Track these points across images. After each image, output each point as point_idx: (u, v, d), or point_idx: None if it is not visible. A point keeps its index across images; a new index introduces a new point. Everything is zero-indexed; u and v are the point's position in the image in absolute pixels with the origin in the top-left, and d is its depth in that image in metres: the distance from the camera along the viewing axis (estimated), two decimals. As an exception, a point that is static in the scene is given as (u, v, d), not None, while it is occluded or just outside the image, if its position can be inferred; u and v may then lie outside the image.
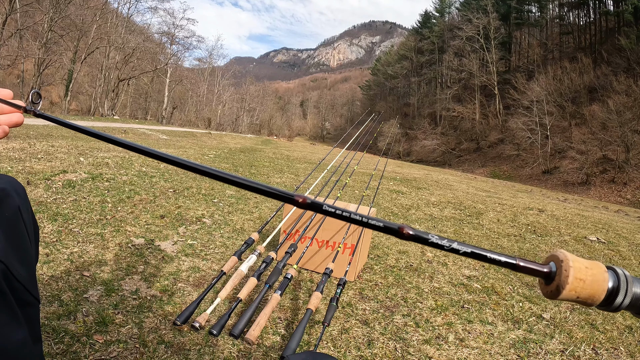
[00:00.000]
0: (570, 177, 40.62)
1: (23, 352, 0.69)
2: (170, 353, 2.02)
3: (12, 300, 0.70)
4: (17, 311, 0.71)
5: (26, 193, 0.88)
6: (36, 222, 0.92)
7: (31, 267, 0.82)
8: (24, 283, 0.74)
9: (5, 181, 0.86)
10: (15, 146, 6.93)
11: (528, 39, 65.20)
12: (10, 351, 0.66)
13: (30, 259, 0.82)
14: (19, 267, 0.74)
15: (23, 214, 0.84)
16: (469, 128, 61.38)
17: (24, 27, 28.77)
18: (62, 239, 3.22)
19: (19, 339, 0.69)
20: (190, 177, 6.66)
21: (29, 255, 0.82)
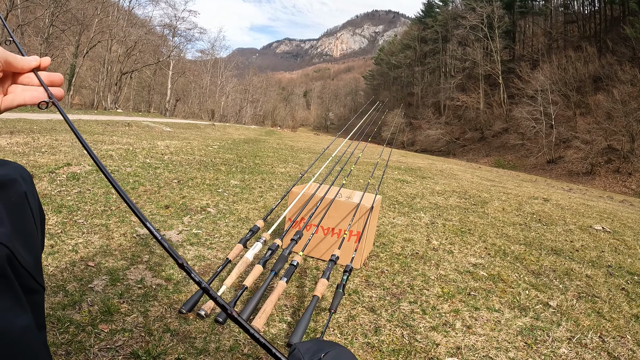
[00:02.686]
0: (574, 167, 40.52)
1: (27, 338, 0.68)
2: (176, 341, 2.01)
3: (16, 285, 0.69)
4: (22, 297, 0.70)
5: (33, 180, 0.87)
6: (42, 209, 0.91)
7: (37, 253, 0.81)
8: (28, 269, 0.73)
9: (11, 167, 0.85)
10: (19, 140, 6.95)
11: (532, 27, 64.83)
12: (13, 336, 0.65)
13: (35, 245, 0.81)
14: (24, 253, 0.73)
15: (29, 200, 0.83)
16: (473, 117, 61.23)
17: (25, 23, 28.78)
18: (66, 230, 3.21)
19: (23, 325, 0.68)
20: (195, 168, 6.66)
21: (34, 242, 0.81)
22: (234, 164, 8.01)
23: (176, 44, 51.15)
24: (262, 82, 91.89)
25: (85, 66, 39.91)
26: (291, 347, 1.06)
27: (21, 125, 9.94)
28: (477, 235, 4.96)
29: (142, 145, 8.51)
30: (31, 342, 0.70)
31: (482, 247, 4.47)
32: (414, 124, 69.91)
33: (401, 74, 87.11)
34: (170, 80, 50.24)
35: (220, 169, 7.07)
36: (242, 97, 76.20)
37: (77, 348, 1.84)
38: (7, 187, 0.79)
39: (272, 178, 6.89)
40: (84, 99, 49.28)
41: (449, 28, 71.17)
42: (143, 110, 50.33)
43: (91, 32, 35.39)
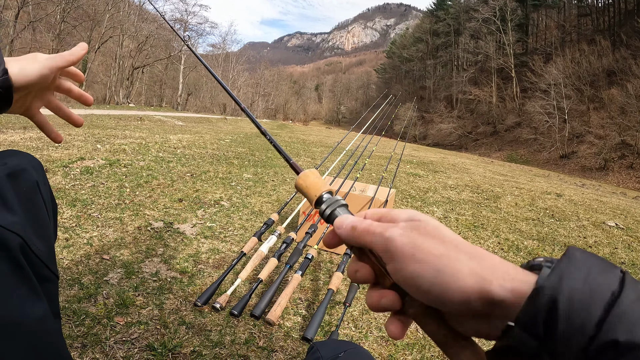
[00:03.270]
0: (588, 162, 40.21)
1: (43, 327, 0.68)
2: (191, 334, 2.01)
3: (30, 274, 0.69)
4: (37, 286, 0.70)
5: (43, 169, 0.87)
6: (54, 198, 0.91)
7: (49, 242, 0.81)
8: (42, 258, 0.73)
9: (22, 157, 0.85)
10: (32, 135, 7.00)
11: (545, 20, 64.30)
12: (29, 325, 0.65)
13: (48, 234, 0.81)
14: (38, 242, 0.74)
15: (41, 188, 0.84)
16: (486, 111, 60.89)
17: (36, 20, 28.94)
18: (81, 223, 3.23)
19: (39, 314, 0.68)
20: (207, 162, 6.68)
21: (47, 230, 0.81)
22: (247, 157, 8.02)
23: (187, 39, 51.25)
24: (274, 76, 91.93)
25: (97, 61, 40.07)
26: (310, 346, 1.08)
27: (35, 120, 10.00)
28: (490, 230, 4.93)
29: (155, 139, 8.53)
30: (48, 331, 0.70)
31: (495, 242, 4.45)
32: (426, 118, 69.68)
33: (413, 68, 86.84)
34: (181, 75, 50.36)
35: (232, 162, 7.08)
36: (253, 91, 76.30)
37: (93, 340, 1.85)
38: (18, 176, 0.79)
39: (284, 171, 6.89)
40: (96, 94, 49.49)
41: (461, 21, 70.78)
42: (155, 104, 50.50)
43: (102, 28, 35.54)
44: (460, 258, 0.42)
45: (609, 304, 0.33)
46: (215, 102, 61.50)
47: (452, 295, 0.41)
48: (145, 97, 51.67)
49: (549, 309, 0.34)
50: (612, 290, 0.34)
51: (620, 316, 0.33)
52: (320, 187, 0.57)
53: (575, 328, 0.33)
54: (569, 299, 0.34)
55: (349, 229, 0.50)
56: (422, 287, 0.43)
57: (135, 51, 40.90)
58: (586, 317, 0.33)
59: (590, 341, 0.32)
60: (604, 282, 0.35)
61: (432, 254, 0.43)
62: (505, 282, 0.39)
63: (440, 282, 0.41)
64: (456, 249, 0.43)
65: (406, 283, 0.44)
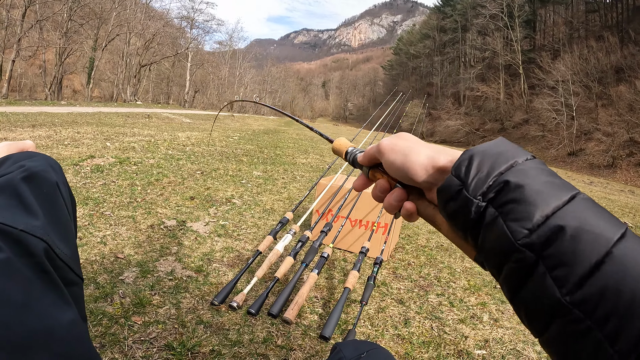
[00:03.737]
0: (596, 160, 39.98)
1: (73, 333, 0.67)
2: (209, 333, 2.01)
3: (57, 279, 0.68)
4: (64, 291, 0.69)
5: (62, 169, 0.86)
6: (73, 198, 0.89)
7: (73, 244, 0.79)
8: (66, 261, 0.72)
9: (40, 158, 0.84)
10: (41, 134, 7.02)
11: (553, 17, 63.96)
12: (61, 332, 0.64)
13: (71, 235, 0.80)
14: (61, 245, 0.72)
15: (61, 189, 0.82)
16: (493, 108, 60.66)
17: (43, 18, 29.04)
18: (94, 222, 3.23)
19: (69, 319, 0.66)
20: (217, 159, 6.68)
21: (70, 232, 0.80)
22: (255, 154, 8.03)
23: (194, 36, 51.39)
24: (281, 73, 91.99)
25: (104, 59, 40.22)
26: (333, 347, 1.10)
27: (42, 119, 10.04)
28: (502, 226, 4.92)
29: (164, 137, 8.56)
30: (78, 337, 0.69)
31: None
32: (433, 115, 69.52)
33: (420, 64, 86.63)
34: (188, 72, 50.46)
35: (242, 160, 7.09)
36: (260, 88, 76.41)
37: (111, 340, 1.85)
38: (38, 178, 0.78)
39: (294, 169, 6.89)
40: (103, 91, 49.76)
41: (468, 17, 70.47)
42: (162, 102, 50.63)
43: (109, 26, 35.64)
44: (420, 148, 0.59)
45: (512, 165, 0.47)
46: (222, 99, 61.57)
47: (415, 169, 0.57)
48: (152, 95, 51.82)
49: (468, 160, 0.49)
50: (516, 160, 0.48)
51: (516, 171, 0.46)
52: (346, 146, 0.79)
53: (483, 172, 0.47)
54: (482, 156, 0.49)
55: (363, 155, 0.70)
56: (397, 168, 0.60)
57: (142, 49, 40.97)
58: (490, 168, 0.47)
59: (492, 179, 0.46)
60: (512, 152, 0.50)
61: (402, 147, 0.61)
62: (447, 157, 0.55)
63: (407, 161, 0.58)
64: (419, 144, 0.60)
65: (390, 169, 0.62)
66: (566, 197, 0.43)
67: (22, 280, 0.62)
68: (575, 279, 0.39)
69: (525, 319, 0.45)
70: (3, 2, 25.91)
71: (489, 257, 0.47)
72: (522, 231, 0.42)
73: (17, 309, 0.58)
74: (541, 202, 0.43)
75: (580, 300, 0.38)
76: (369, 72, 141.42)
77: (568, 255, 0.39)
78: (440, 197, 0.52)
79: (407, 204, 0.61)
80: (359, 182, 0.73)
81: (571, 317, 0.38)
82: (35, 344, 0.59)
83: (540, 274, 0.41)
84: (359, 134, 4.54)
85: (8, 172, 0.77)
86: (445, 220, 0.54)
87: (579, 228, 0.40)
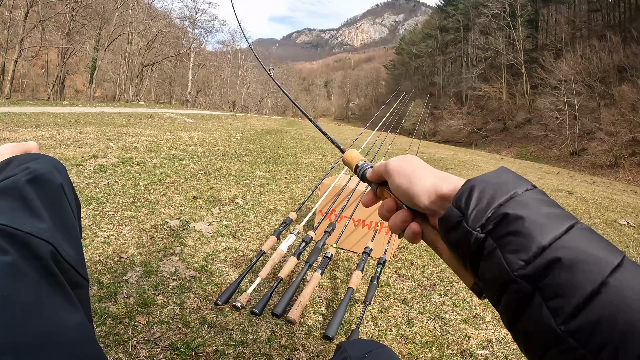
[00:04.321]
0: (598, 159, 39.90)
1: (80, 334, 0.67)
2: (213, 333, 2.02)
3: (63, 281, 0.68)
4: (71, 293, 0.69)
5: (66, 170, 0.86)
6: (78, 199, 0.89)
7: (78, 246, 0.79)
8: (72, 264, 0.72)
9: (44, 160, 0.84)
10: (44, 134, 7.03)
11: (555, 16, 63.85)
12: (67, 334, 0.64)
13: (77, 238, 0.80)
14: (67, 247, 0.72)
15: (66, 191, 0.82)
16: (496, 108, 60.62)
17: (45, 18, 29.04)
18: (97, 222, 3.24)
19: (76, 321, 0.66)
20: (219, 159, 6.68)
21: (75, 234, 0.80)
22: (258, 154, 8.03)
23: (196, 36, 51.44)
24: (283, 73, 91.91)
25: (106, 59, 40.21)
26: (337, 346, 1.10)
27: (45, 119, 10.05)
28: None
29: (166, 137, 8.57)
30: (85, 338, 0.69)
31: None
32: (436, 114, 69.43)
33: (422, 64, 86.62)
34: (191, 72, 50.48)
35: (244, 159, 7.09)
36: (262, 88, 76.33)
37: (115, 340, 1.85)
38: (43, 180, 0.78)
39: (296, 169, 6.89)
40: (106, 91, 49.78)
41: (470, 17, 70.43)
42: (164, 102, 50.69)
43: (111, 26, 35.65)
44: (426, 174, 0.61)
45: (511, 196, 0.48)
46: (224, 99, 61.61)
47: (419, 195, 0.59)
48: (154, 95, 51.88)
49: (468, 192, 0.50)
50: (516, 191, 0.48)
51: (516, 202, 0.47)
52: (357, 159, 0.82)
53: (483, 204, 0.48)
54: (482, 187, 0.50)
55: (372, 171, 0.72)
56: (403, 192, 0.62)
57: (145, 49, 40.99)
58: (490, 199, 0.48)
59: (491, 211, 0.47)
60: (512, 183, 0.50)
61: (408, 171, 0.62)
62: (449, 185, 0.56)
63: (412, 187, 0.60)
64: (424, 169, 0.62)
65: (396, 191, 0.64)
66: (564, 227, 0.44)
67: (29, 283, 0.62)
68: (570, 309, 0.39)
69: (523, 347, 0.46)
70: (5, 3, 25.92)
71: (488, 288, 0.49)
72: (519, 262, 0.43)
73: (25, 311, 0.58)
74: (538, 233, 0.43)
75: (574, 329, 0.39)
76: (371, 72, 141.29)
77: (564, 286, 0.40)
78: (441, 226, 0.54)
79: (413, 225, 0.63)
80: (367, 199, 0.75)
81: (566, 347, 0.39)
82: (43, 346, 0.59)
83: (537, 304, 0.42)
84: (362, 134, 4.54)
85: (13, 175, 0.77)
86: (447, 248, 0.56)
87: (575, 258, 0.41)
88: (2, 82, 28.06)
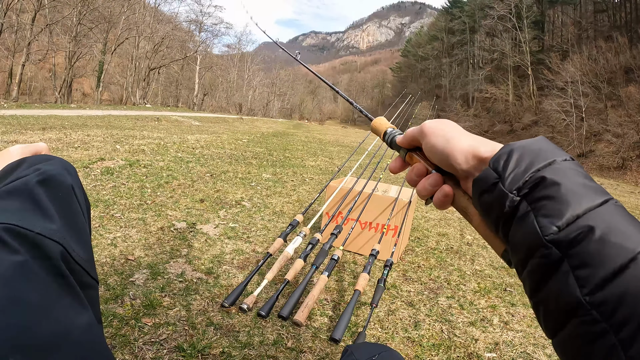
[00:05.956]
0: (605, 161, 39.64)
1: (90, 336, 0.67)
2: (220, 335, 2.02)
3: (73, 282, 0.68)
4: (81, 294, 0.69)
5: (76, 172, 0.86)
6: (88, 200, 0.90)
7: (88, 247, 0.79)
8: (82, 265, 0.72)
9: (55, 162, 0.84)
10: (51, 136, 7.06)
11: (562, 17, 63.61)
12: (76, 335, 0.64)
13: (87, 239, 0.80)
14: (77, 248, 0.72)
15: (76, 192, 0.82)
16: (502, 110, 60.42)
17: (53, 22, 29.17)
18: (104, 224, 3.25)
19: (85, 322, 0.66)
20: (226, 162, 6.70)
21: (85, 235, 0.80)
22: (265, 157, 8.04)
23: (203, 39, 51.57)
24: (289, 76, 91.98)
25: (113, 63, 40.36)
26: (345, 349, 1.10)
27: (53, 122, 10.11)
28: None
29: (173, 140, 8.58)
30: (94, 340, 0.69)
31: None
32: (442, 117, 68.83)
33: (428, 66, 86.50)
34: (197, 75, 50.58)
35: (251, 162, 7.10)
36: (269, 91, 76.46)
37: (121, 342, 1.86)
38: (53, 181, 0.78)
39: (303, 171, 6.90)
40: (113, 94, 49.99)
41: (476, 18, 70.26)
42: (171, 104, 50.80)
43: (118, 30, 35.78)
44: (463, 136, 0.60)
45: (550, 163, 0.48)
46: (231, 102, 61.73)
47: (455, 155, 0.58)
48: (161, 98, 52.02)
49: (507, 155, 0.51)
50: (555, 159, 0.49)
51: (554, 169, 0.47)
52: (386, 126, 0.82)
53: (521, 167, 0.48)
54: (521, 151, 0.50)
55: (403, 137, 0.72)
56: (438, 151, 0.61)
57: (151, 52, 41.12)
58: (529, 164, 0.48)
59: (529, 175, 0.47)
60: (551, 151, 0.50)
61: (445, 131, 0.62)
62: (488, 147, 0.56)
63: (448, 146, 0.59)
64: (462, 131, 0.62)
65: (430, 152, 0.63)
66: (599, 201, 0.44)
67: (39, 283, 0.62)
68: (597, 280, 0.39)
69: (542, 317, 0.46)
70: (13, 7, 26.07)
71: (516, 251, 0.48)
72: (552, 227, 0.43)
73: (35, 311, 0.58)
74: (574, 201, 0.44)
75: (600, 301, 0.38)
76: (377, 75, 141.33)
77: (593, 256, 0.40)
78: (475, 187, 0.54)
79: (446, 187, 0.62)
80: (395, 164, 0.75)
81: (588, 318, 0.39)
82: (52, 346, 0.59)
83: (564, 272, 0.41)
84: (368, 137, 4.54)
85: (24, 175, 0.77)
86: (478, 212, 0.56)
87: (608, 231, 0.41)
88: (10, 85, 28.23)
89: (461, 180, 0.61)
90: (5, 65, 29.72)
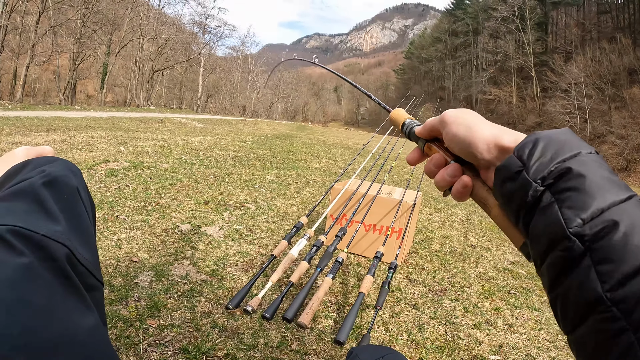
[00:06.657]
0: (609, 163, 39.16)
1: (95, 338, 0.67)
2: (224, 337, 2.02)
3: (78, 284, 0.68)
4: (86, 296, 0.69)
5: (82, 173, 0.87)
6: (93, 202, 0.90)
7: (94, 249, 0.79)
8: (87, 266, 0.72)
9: (60, 163, 0.84)
10: (56, 138, 7.07)
11: (565, 18, 63.59)
12: (81, 337, 0.64)
13: (92, 240, 0.80)
14: (82, 250, 0.72)
15: (81, 194, 0.82)
16: (506, 111, 60.42)
17: (57, 24, 29.23)
18: (108, 226, 3.25)
19: (90, 324, 0.66)
20: (230, 164, 6.70)
21: (90, 237, 0.80)
22: (268, 159, 8.04)
23: (206, 42, 51.68)
24: (293, 78, 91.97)
25: (117, 65, 40.48)
26: (349, 351, 1.10)
27: (57, 123, 10.13)
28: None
29: (177, 142, 8.59)
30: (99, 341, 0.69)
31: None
32: (446, 119, 69.31)
33: (432, 68, 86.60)
34: (201, 77, 50.69)
35: (255, 164, 7.10)
36: (272, 93, 76.50)
37: (126, 343, 1.86)
38: (58, 183, 0.78)
39: (307, 174, 6.90)
40: (117, 96, 50.08)
41: (479, 20, 70.33)
42: (175, 106, 50.88)
43: (122, 32, 35.89)
44: (485, 124, 0.60)
45: (576, 154, 0.47)
46: (234, 104, 61.80)
47: (477, 144, 0.58)
48: (165, 100, 52.06)
49: (533, 143, 0.50)
50: (580, 151, 0.48)
51: (580, 161, 0.46)
52: (404, 117, 0.83)
53: (547, 157, 0.48)
54: (547, 141, 0.49)
55: (421, 127, 0.72)
56: (459, 140, 0.60)
57: (155, 54, 41.18)
58: (554, 154, 0.47)
59: (555, 165, 0.47)
60: (577, 143, 0.49)
61: (467, 119, 0.61)
62: (511, 137, 0.56)
63: (470, 135, 0.59)
64: (483, 121, 0.61)
65: (451, 140, 0.62)
66: (624, 196, 0.43)
67: (45, 285, 0.62)
68: (619, 276, 0.38)
69: (560, 312, 0.46)
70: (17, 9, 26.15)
71: (536, 243, 0.47)
72: (576, 220, 0.42)
73: (40, 313, 0.58)
74: (599, 195, 0.43)
75: (621, 298, 0.38)
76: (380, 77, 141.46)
77: (617, 252, 0.39)
78: (498, 175, 0.53)
79: (465, 178, 0.61)
80: (413, 155, 0.75)
81: (608, 315, 0.38)
82: (57, 348, 0.59)
83: (586, 266, 0.41)
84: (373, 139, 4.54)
85: (29, 177, 0.77)
86: (499, 201, 0.55)
87: (632, 227, 0.40)
88: (14, 87, 28.32)
89: (481, 170, 0.61)
90: (10, 67, 29.84)
